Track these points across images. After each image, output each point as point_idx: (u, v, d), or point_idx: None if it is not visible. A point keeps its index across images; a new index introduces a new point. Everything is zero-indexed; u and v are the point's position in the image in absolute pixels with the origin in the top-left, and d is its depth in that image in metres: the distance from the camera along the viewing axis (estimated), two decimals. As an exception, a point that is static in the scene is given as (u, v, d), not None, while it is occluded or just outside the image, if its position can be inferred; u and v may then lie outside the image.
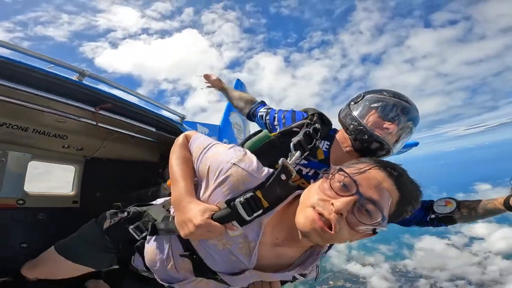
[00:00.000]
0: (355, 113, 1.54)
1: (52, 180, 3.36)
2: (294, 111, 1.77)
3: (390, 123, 1.46)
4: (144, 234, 1.25)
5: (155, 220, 1.21)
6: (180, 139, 1.24)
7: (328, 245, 1.16)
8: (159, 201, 1.44)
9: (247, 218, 0.95)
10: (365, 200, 0.82)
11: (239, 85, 6.02)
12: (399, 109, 1.49)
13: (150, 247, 1.18)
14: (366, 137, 1.46)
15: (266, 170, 1.02)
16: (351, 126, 1.52)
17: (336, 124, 1.69)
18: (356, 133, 1.49)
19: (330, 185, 0.86)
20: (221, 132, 4.80)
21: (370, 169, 0.88)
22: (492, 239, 50.76)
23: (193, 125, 3.77)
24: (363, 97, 1.58)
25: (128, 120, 2.46)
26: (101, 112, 2.20)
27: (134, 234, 1.27)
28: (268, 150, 1.45)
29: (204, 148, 1.12)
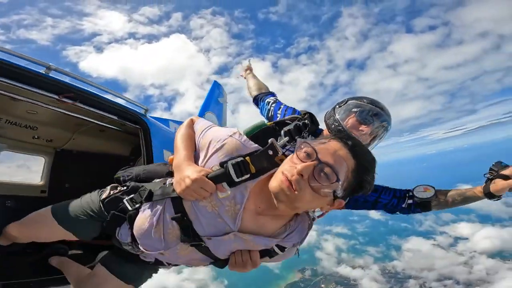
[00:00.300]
0: (338, 116, 1.87)
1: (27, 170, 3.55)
2: (295, 109, 2.11)
3: (365, 126, 1.78)
4: (137, 206, 1.34)
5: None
6: (186, 121, 1.44)
7: (309, 224, 1.26)
8: (158, 179, 1.50)
9: (236, 180, 1.10)
10: (323, 164, 0.99)
11: (216, 87, 6.05)
12: (373, 114, 1.81)
13: (143, 214, 1.30)
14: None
15: (257, 145, 1.20)
16: (333, 126, 1.85)
17: (324, 126, 2.01)
18: (336, 133, 1.78)
19: (297, 155, 1.05)
20: None
21: (329, 141, 1.08)
22: (476, 238, 52.16)
23: (166, 122, 3.80)
24: (346, 102, 1.91)
25: (91, 109, 2.57)
26: (65, 99, 2.33)
27: (127, 205, 1.37)
28: (263, 136, 1.80)
29: (206, 128, 1.31)
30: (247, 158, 1.14)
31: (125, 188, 1.49)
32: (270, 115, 2.17)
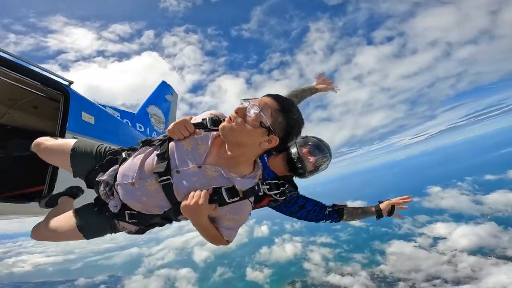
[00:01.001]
0: (297, 145, 2.35)
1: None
2: None
3: (312, 157, 2.29)
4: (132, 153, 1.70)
5: None
6: None
7: (259, 181, 1.55)
8: None
9: (209, 127, 1.52)
10: (252, 105, 1.35)
11: (165, 87, 5.99)
12: (319, 149, 2.35)
13: (135, 154, 1.65)
14: (295, 159, 2.30)
15: None
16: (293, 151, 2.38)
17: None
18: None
19: (239, 106, 1.40)
20: (135, 119, 5.04)
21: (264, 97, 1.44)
22: (454, 237, 54.63)
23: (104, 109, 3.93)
24: (305, 137, 2.43)
25: (15, 74, 2.72)
26: None
27: (124, 154, 1.73)
28: None
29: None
30: (220, 119, 1.55)
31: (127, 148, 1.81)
32: None
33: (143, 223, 1.76)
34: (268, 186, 1.63)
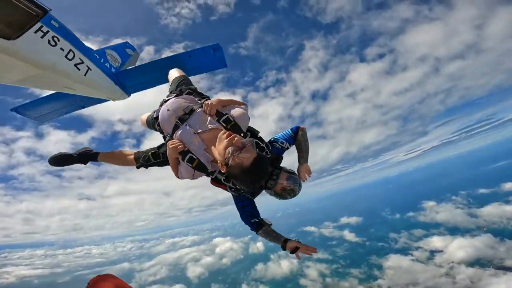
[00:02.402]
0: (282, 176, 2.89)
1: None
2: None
3: (286, 182, 2.83)
4: None
5: None
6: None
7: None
8: None
9: (220, 121, 2.56)
10: (241, 145, 2.18)
11: (128, 45, 5.92)
12: (295, 183, 2.87)
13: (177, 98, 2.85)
14: (273, 174, 2.88)
15: None
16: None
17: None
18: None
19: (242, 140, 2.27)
20: (91, 52, 4.89)
21: None
22: (451, 250, 54.45)
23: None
24: (291, 171, 3.00)
25: None
26: None
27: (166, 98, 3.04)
28: None
29: None
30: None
31: None
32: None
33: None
34: (224, 177, 2.68)
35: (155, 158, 3.13)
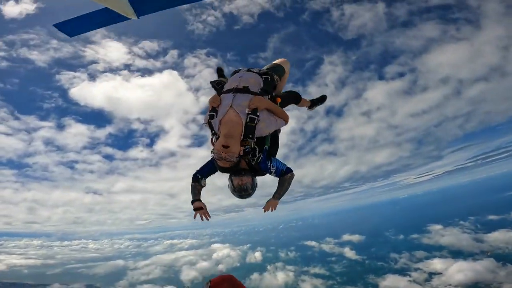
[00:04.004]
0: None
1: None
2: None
3: (241, 181, 3.14)
4: None
5: None
6: None
7: None
8: None
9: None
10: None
11: None
12: (251, 183, 3.19)
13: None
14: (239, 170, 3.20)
15: None
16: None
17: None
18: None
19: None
20: None
21: None
22: (450, 272, 52.47)
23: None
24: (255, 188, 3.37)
25: None
26: None
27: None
28: None
29: None
30: None
31: None
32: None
33: None
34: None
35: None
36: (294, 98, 4.12)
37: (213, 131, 3.06)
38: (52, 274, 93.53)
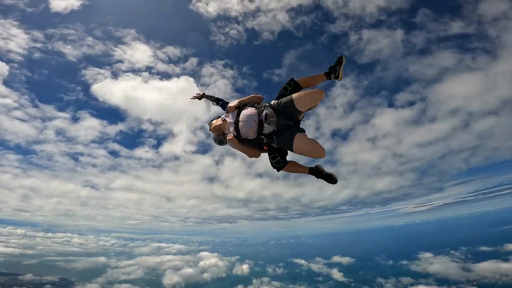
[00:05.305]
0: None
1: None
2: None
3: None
4: None
5: None
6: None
7: None
8: None
9: None
10: None
11: None
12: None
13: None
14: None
15: None
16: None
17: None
18: None
19: None
20: None
21: None
22: None
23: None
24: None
25: None
26: None
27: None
28: None
29: None
30: None
31: None
32: None
33: None
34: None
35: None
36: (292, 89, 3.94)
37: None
38: (28, 264, 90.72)
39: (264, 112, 3.79)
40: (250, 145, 4.01)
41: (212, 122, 4.35)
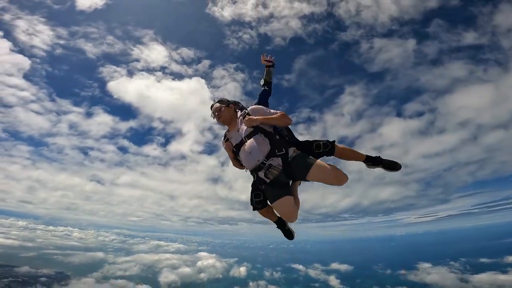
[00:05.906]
0: None
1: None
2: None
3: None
4: None
5: None
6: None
7: None
8: None
9: None
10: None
11: None
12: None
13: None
14: None
15: None
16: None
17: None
18: None
19: None
20: None
21: None
22: None
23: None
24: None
25: None
26: None
27: None
28: None
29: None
30: None
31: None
32: None
33: None
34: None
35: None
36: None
37: None
38: (25, 257, 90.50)
39: (271, 161, 3.15)
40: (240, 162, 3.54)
41: (221, 109, 3.64)
